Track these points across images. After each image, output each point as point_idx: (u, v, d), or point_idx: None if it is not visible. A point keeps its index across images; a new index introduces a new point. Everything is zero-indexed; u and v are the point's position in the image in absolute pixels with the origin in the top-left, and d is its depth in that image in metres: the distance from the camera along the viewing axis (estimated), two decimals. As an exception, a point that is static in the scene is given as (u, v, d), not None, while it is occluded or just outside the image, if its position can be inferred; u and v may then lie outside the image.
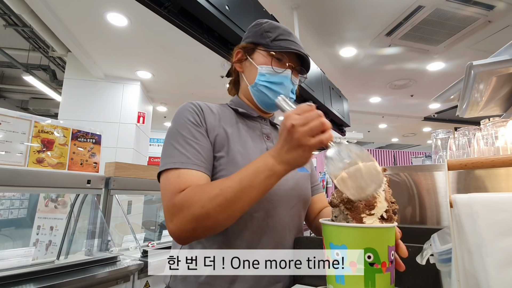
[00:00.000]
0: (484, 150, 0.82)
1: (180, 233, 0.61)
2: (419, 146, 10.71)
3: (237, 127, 0.78)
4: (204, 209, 0.57)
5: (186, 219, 0.59)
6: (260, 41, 0.79)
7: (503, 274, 0.31)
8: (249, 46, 0.81)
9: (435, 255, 0.42)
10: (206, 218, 0.58)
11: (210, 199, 0.58)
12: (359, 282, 0.50)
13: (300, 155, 0.55)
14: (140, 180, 1.95)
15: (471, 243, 0.34)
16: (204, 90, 5.31)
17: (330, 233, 0.53)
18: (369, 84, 5.09)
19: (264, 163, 0.58)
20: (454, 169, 0.40)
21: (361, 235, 0.51)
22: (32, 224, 1.88)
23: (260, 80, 0.78)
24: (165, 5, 1.48)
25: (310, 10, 3.10)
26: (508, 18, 3.07)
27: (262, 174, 0.57)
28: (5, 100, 6.38)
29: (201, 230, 0.60)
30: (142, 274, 1.55)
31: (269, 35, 0.78)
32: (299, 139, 0.54)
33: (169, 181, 0.65)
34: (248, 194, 0.57)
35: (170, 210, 0.61)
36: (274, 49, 0.76)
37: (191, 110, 0.74)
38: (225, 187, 0.58)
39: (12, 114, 1.30)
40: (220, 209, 0.57)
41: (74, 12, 3.08)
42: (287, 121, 0.55)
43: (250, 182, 0.57)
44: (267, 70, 0.77)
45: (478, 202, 0.35)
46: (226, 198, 0.57)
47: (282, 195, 0.74)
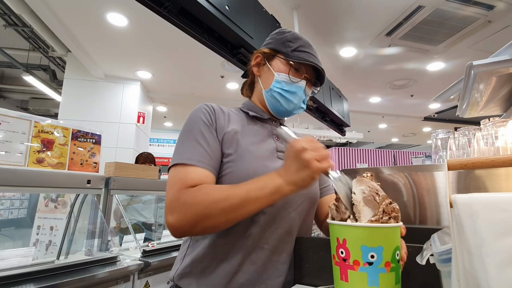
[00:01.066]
0: (484, 150, 0.82)
1: (178, 227, 0.63)
2: (419, 146, 10.71)
3: (248, 127, 0.81)
4: (207, 210, 0.61)
5: (188, 216, 0.62)
6: (281, 49, 0.81)
7: (503, 274, 0.31)
8: (270, 52, 0.83)
9: (435, 255, 0.42)
10: (207, 218, 0.61)
11: (215, 202, 0.61)
12: (391, 280, 0.51)
13: (307, 176, 0.59)
14: (140, 180, 1.95)
15: (471, 243, 0.34)
16: (204, 90, 5.31)
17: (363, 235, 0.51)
18: (369, 84, 5.09)
19: (271, 180, 0.61)
20: (454, 169, 0.40)
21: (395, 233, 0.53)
22: (32, 224, 1.87)
23: (275, 86, 0.80)
24: (165, 5, 1.48)
25: (310, 10, 3.10)
26: (508, 18, 3.07)
27: (268, 189, 0.61)
28: (5, 100, 6.38)
29: (199, 229, 0.63)
30: (142, 274, 1.55)
31: (290, 44, 0.81)
32: (309, 161, 0.57)
33: (176, 176, 0.68)
34: (252, 205, 0.61)
35: (172, 204, 0.64)
36: (293, 59, 0.79)
37: (204, 111, 0.77)
38: (232, 193, 0.62)
39: (12, 114, 1.30)
40: (222, 213, 0.61)
41: (74, 12, 3.08)
42: (298, 144, 0.59)
43: (256, 194, 0.61)
44: (284, 78, 0.80)
45: (478, 202, 0.35)
46: (231, 204, 0.61)
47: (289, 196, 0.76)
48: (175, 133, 8.62)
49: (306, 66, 0.80)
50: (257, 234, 0.71)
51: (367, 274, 0.50)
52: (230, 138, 0.75)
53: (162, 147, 8.57)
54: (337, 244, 0.53)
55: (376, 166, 4.31)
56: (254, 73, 0.88)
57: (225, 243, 0.71)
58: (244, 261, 0.70)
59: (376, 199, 0.55)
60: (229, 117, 0.80)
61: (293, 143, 0.60)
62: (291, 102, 0.81)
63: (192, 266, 0.73)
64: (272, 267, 0.72)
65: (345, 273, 0.51)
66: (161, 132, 8.47)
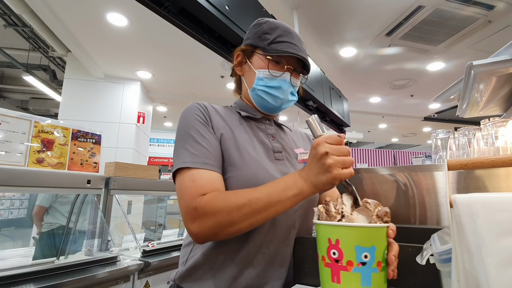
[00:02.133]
0: (484, 150, 0.82)
1: (201, 236, 0.63)
2: (419, 146, 10.71)
3: (242, 127, 0.78)
4: (230, 217, 0.60)
5: (210, 224, 0.61)
6: (258, 44, 0.77)
7: (503, 274, 0.31)
8: (248, 49, 0.80)
9: (435, 255, 0.42)
10: (230, 225, 0.61)
11: (237, 208, 0.60)
12: (381, 280, 0.51)
13: (327, 181, 0.57)
14: (140, 180, 1.95)
15: (471, 243, 0.34)
16: (204, 90, 5.31)
17: (358, 235, 0.51)
18: (369, 84, 5.09)
19: (294, 182, 0.60)
20: (454, 169, 0.40)
21: (385, 233, 0.53)
22: (32, 224, 1.87)
23: (258, 84, 0.77)
24: (165, 5, 1.48)
25: (310, 10, 3.10)
26: (508, 18, 3.07)
27: (290, 191, 0.60)
28: (5, 100, 6.38)
29: (223, 235, 0.62)
30: (142, 274, 1.55)
31: (267, 37, 0.76)
32: (331, 166, 0.56)
33: (184, 184, 0.66)
34: (275, 208, 0.60)
35: (191, 213, 0.63)
36: (271, 52, 0.74)
37: (197, 110, 0.74)
38: (253, 198, 0.60)
39: (12, 114, 1.30)
40: (245, 219, 0.60)
41: (74, 12, 3.08)
42: (321, 148, 0.57)
43: (279, 197, 0.60)
44: (265, 74, 0.76)
45: (478, 202, 0.35)
46: (253, 209, 0.60)
47: None
48: (175, 133, 8.60)
49: (287, 57, 0.75)
50: (258, 239, 0.71)
51: (361, 274, 0.50)
52: (227, 140, 0.73)
53: (162, 147, 8.57)
54: (328, 245, 0.52)
55: (376, 166, 4.32)
56: (237, 73, 0.85)
57: (226, 248, 0.71)
58: (245, 266, 0.70)
59: (368, 207, 0.56)
60: (224, 118, 0.77)
61: (318, 144, 0.58)
62: (278, 98, 0.77)
63: (194, 269, 0.72)
64: (272, 271, 0.72)
65: (337, 274, 0.51)
66: (161, 132, 8.47)
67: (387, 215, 0.55)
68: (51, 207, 2.08)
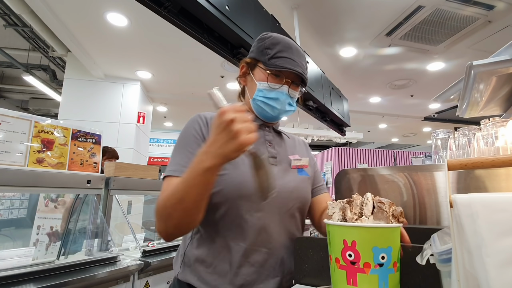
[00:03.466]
0: (484, 150, 0.82)
1: (160, 233, 0.69)
2: (419, 146, 10.71)
3: None
4: (166, 209, 0.66)
5: (159, 221, 0.68)
6: (260, 58, 0.83)
7: (503, 274, 0.31)
8: (252, 61, 0.86)
9: (435, 255, 0.42)
10: (169, 217, 0.66)
11: (168, 200, 0.65)
12: (397, 281, 0.51)
13: (236, 148, 0.57)
14: (140, 180, 1.95)
15: (471, 243, 0.34)
16: (204, 90, 5.29)
17: (375, 236, 0.50)
18: (369, 84, 5.09)
19: (200, 163, 0.61)
20: (454, 169, 0.40)
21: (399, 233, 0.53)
22: (32, 224, 1.87)
23: (258, 95, 0.83)
24: (165, 5, 1.48)
25: (310, 10, 3.10)
26: (508, 18, 3.07)
27: (199, 172, 0.61)
28: (5, 100, 6.38)
29: (172, 228, 0.67)
30: (142, 274, 1.55)
31: (268, 52, 0.82)
32: (237, 132, 0.56)
33: (162, 187, 0.72)
34: (193, 191, 0.63)
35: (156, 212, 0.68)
36: (271, 67, 0.80)
37: (195, 123, 0.80)
38: (176, 188, 0.65)
39: (12, 114, 1.30)
40: (175, 207, 0.64)
41: (74, 12, 3.08)
42: (227, 115, 0.56)
43: (193, 181, 0.62)
44: (265, 86, 0.82)
45: (478, 202, 0.35)
46: (177, 198, 0.64)
47: (282, 198, 0.79)
48: (175, 133, 8.62)
49: (285, 71, 0.81)
50: (253, 238, 0.74)
51: (378, 276, 0.49)
52: None
53: (162, 147, 8.57)
54: (343, 246, 0.51)
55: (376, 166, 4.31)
56: (241, 83, 0.91)
57: (223, 246, 0.74)
58: (243, 263, 0.73)
59: (383, 208, 0.55)
60: None
61: (224, 112, 0.57)
62: (275, 108, 0.83)
63: (194, 265, 0.76)
64: (270, 268, 0.75)
65: (354, 276, 0.50)
66: (161, 132, 8.47)
67: (402, 215, 0.55)
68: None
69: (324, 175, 7.68)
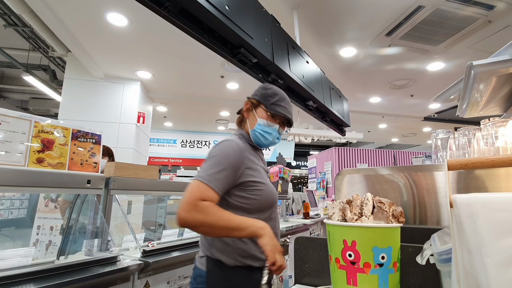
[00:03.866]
0: (484, 150, 0.82)
1: (187, 221, 0.89)
2: (419, 146, 10.71)
3: (255, 156, 1.15)
4: (213, 221, 0.90)
5: (198, 219, 0.89)
6: (263, 102, 1.15)
7: (503, 274, 0.31)
8: (256, 102, 1.18)
9: (435, 255, 0.42)
10: (209, 226, 0.91)
11: (220, 219, 0.91)
12: (397, 280, 0.51)
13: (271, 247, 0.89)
14: (140, 180, 1.95)
15: (471, 243, 0.34)
16: (204, 90, 5.31)
17: (375, 236, 0.51)
18: (369, 84, 5.09)
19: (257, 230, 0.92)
20: (454, 169, 0.40)
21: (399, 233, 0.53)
22: (32, 224, 1.87)
23: (257, 128, 1.15)
24: (165, 5, 1.47)
25: (310, 10, 3.10)
26: (508, 18, 3.07)
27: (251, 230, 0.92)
28: (5, 100, 6.38)
29: (200, 230, 0.94)
30: (142, 274, 1.55)
31: (270, 99, 1.14)
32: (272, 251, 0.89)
33: (198, 187, 0.94)
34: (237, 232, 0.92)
35: (190, 205, 0.89)
36: (271, 110, 1.14)
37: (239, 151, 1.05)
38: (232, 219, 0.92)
39: (12, 114, 1.30)
40: (219, 228, 0.91)
41: (74, 12, 3.08)
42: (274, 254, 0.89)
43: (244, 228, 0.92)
44: (263, 123, 1.14)
45: (478, 202, 0.35)
46: (227, 225, 0.91)
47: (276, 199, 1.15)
48: (175, 133, 8.61)
49: (280, 116, 1.15)
50: None
51: (378, 276, 0.49)
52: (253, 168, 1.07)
53: (162, 147, 8.56)
54: (343, 246, 0.51)
55: (376, 166, 4.31)
56: (244, 115, 1.20)
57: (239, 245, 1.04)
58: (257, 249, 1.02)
59: (383, 208, 0.55)
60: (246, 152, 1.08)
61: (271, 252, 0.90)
62: (268, 139, 1.16)
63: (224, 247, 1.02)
64: None
65: (354, 276, 0.50)
66: (161, 132, 8.47)
67: (402, 215, 0.55)
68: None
69: (324, 175, 7.68)
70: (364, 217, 0.55)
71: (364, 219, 0.54)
